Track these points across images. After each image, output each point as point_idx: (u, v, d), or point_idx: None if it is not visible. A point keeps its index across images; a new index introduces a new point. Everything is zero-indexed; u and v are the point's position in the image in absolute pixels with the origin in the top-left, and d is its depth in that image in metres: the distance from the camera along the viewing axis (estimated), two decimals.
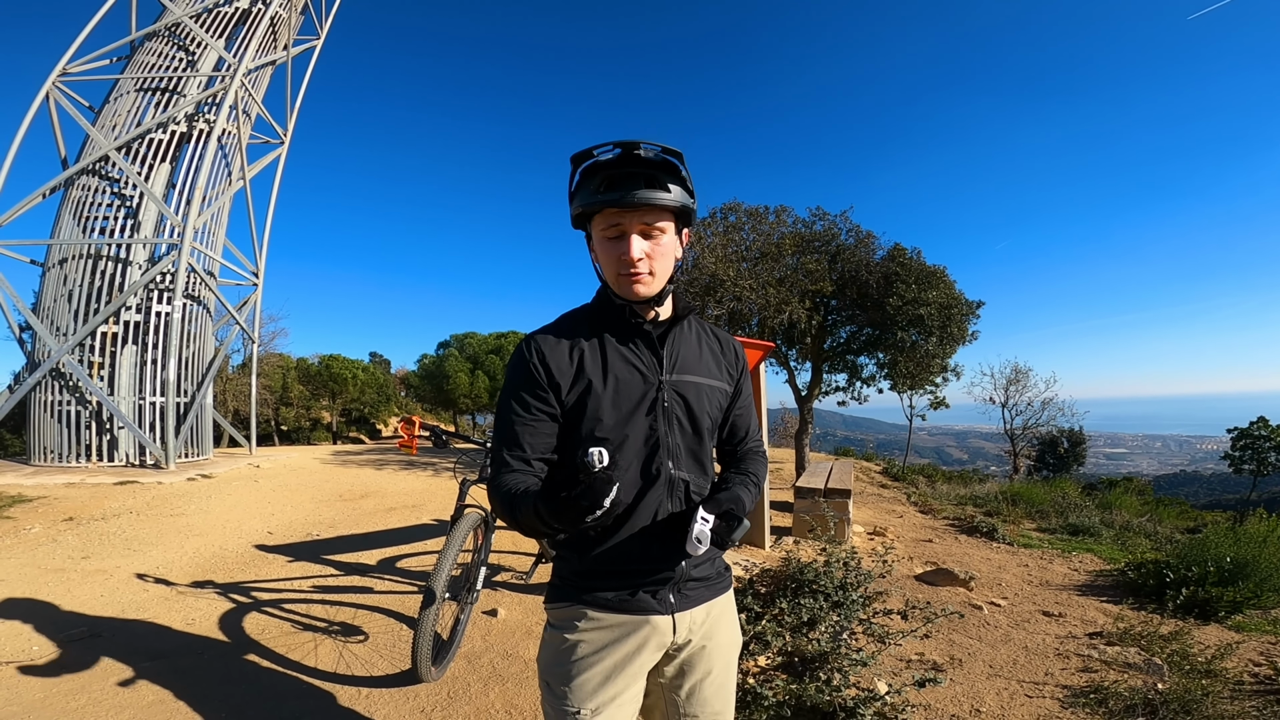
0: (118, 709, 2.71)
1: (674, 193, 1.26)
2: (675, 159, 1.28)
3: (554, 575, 1.40)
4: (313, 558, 5.23)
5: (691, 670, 1.38)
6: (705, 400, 1.39)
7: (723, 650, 1.42)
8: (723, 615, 1.43)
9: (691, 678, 1.38)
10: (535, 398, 1.29)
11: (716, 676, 1.40)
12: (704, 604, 1.38)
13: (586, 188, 1.28)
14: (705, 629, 1.38)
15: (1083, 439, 24.76)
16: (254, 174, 13.06)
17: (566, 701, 1.28)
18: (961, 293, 10.24)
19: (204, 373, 11.76)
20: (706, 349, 1.45)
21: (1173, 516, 10.66)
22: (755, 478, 1.42)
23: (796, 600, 3.17)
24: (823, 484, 6.63)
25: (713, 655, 1.39)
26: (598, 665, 1.29)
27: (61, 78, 11.42)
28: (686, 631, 1.35)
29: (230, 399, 20.86)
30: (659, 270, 1.30)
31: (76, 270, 10.72)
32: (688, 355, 1.40)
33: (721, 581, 1.43)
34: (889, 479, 13.74)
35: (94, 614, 3.88)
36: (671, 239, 1.33)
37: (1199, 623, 4.14)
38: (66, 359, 10.22)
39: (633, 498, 1.30)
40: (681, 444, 1.36)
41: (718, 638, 1.41)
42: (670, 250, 1.33)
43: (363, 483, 9.24)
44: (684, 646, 1.36)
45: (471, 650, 3.29)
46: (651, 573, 1.31)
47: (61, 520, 6.30)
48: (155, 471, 9.63)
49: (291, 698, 2.79)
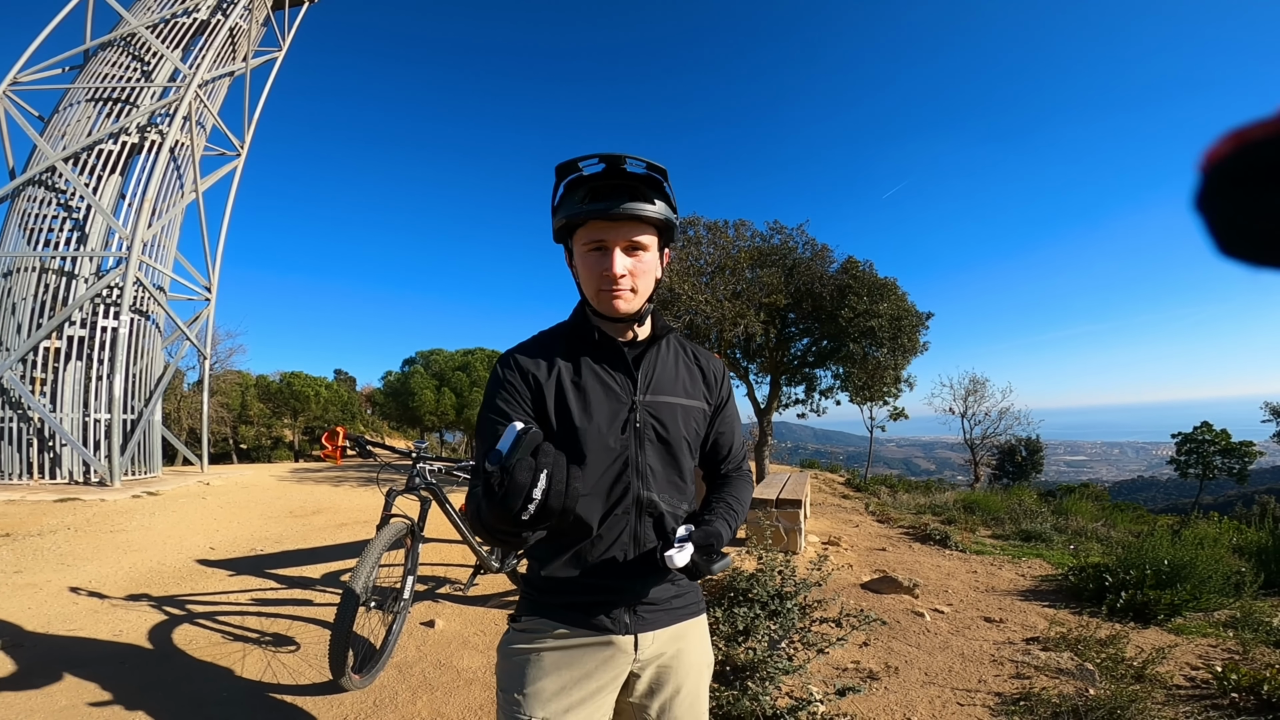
0: (28, 712, 2.65)
1: (658, 206, 1.26)
2: (659, 175, 1.28)
3: (522, 586, 1.40)
4: (255, 572, 5.13)
5: (660, 689, 1.35)
6: (681, 421, 1.37)
7: (693, 670, 1.39)
8: (692, 636, 1.40)
9: (660, 696, 1.35)
10: (513, 409, 1.28)
11: (687, 695, 1.37)
12: (669, 626, 1.35)
13: (571, 200, 1.27)
14: (675, 649, 1.36)
15: (1040, 447, 25.35)
16: (208, 186, 12.84)
17: (520, 709, 1.26)
18: (913, 304, 10.48)
19: (153, 389, 11.46)
20: (684, 369, 1.42)
21: (1127, 521, 10.88)
22: (739, 504, 1.39)
23: (731, 609, 3.20)
24: (775, 495, 6.69)
25: (682, 674, 1.36)
26: (554, 675, 1.28)
27: (11, 86, 11.15)
28: (651, 650, 1.33)
29: (185, 417, 20.31)
30: (640, 287, 1.30)
31: (21, 283, 10.43)
32: (663, 375, 1.38)
33: (689, 606, 1.40)
34: (851, 490, 13.90)
35: (19, 625, 3.79)
36: (654, 256, 1.32)
37: (1138, 626, 4.16)
38: (9, 375, 9.90)
39: (600, 516, 1.28)
40: (654, 465, 1.34)
41: (688, 657, 1.38)
42: (652, 268, 1.32)
43: (316, 499, 9.07)
44: (650, 664, 1.33)
45: (404, 660, 3.26)
46: (616, 590, 1.30)
47: None
48: (99, 489, 9.33)
49: (210, 704, 2.73)
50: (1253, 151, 0.33)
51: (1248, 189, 0.34)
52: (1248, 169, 0.34)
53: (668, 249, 1.39)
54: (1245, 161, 0.34)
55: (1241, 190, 0.34)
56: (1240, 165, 0.34)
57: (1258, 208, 0.34)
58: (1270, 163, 0.33)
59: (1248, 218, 0.35)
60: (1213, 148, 0.34)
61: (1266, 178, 0.33)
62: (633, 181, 1.26)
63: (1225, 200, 0.35)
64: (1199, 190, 0.36)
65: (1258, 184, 0.34)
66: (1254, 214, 0.34)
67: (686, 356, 1.44)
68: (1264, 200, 0.34)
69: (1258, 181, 0.34)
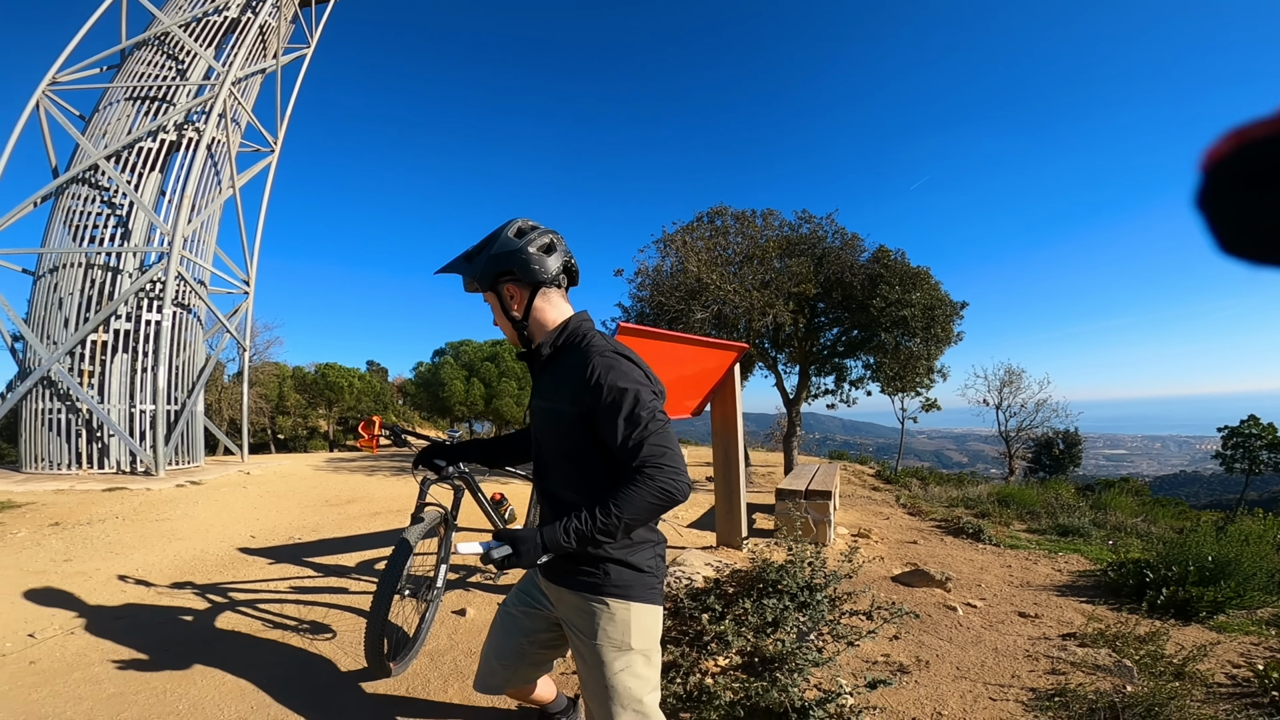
0: (77, 700, 2.75)
1: (471, 272, 1.70)
2: (470, 254, 1.71)
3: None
4: (293, 560, 5.26)
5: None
6: (552, 423, 1.63)
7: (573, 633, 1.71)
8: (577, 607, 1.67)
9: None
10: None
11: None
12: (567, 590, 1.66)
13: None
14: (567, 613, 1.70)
15: (1078, 440, 24.75)
16: (244, 182, 13.13)
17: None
18: (946, 294, 10.28)
19: (195, 380, 11.79)
20: (568, 377, 1.59)
21: (1169, 517, 10.59)
22: (609, 505, 1.45)
23: (760, 601, 3.19)
24: (804, 486, 6.63)
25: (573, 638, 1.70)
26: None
27: (51, 86, 11.49)
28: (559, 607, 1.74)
29: (225, 408, 20.89)
30: (504, 330, 1.74)
31: (67, 279, 10.78)
32: (545, 383, 1.68)
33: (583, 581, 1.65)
34: (881, 482, 13.73)
35: (70, 613, 3.92)
36: (493, 304, 1.72)
37: (1179, 623, 4.06)
38: (57, 367, 10.26)
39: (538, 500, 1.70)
40: (546, 460, 1.68)
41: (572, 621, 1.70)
42: (498, 314, 1.72)
43: (351, 488, 9.26)
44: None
45: (436, 648, 3.31)
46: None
47: (47, 525, 6.33)
48: (145, 478, 9.65)
49: (251, 691, 2.81)
50: (1253, 150, 0.34)
51: (1249, 188, 0.35)
52: (1249, 168, 0.34)
53: (509, 282, 1.67)
54: (1246, 160, 0.34)
55: (1242, 189, 0.35)
56: (1241, 164, 0.35)
57: (1259, 206, 0.35)
58: (1271, 161, 0.34)
59: (1249, 216, 0.35)
60: (1213, 147, 0.35)
61: (1267, 176, 0.34)
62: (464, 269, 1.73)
63: (1226, 199, 0.36)
64: (1200, 189, 0.36)
65: (1259, 183, 0.34)
66: (1255, 212, 0.35)
67: (579, 366, 1.58)
68: (1265, 199, 0.34)
69: (1259, 180, 0.34)
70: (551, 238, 1.68)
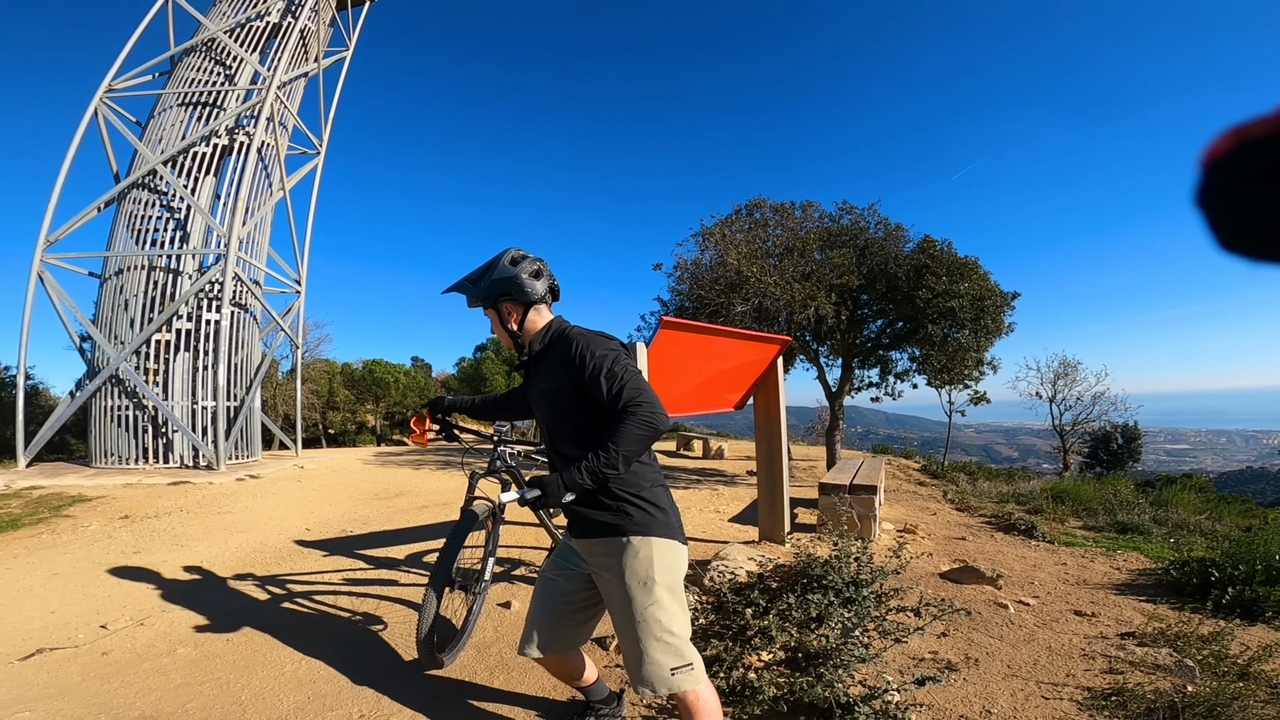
0: (146, 690, 2.88)
1: (476, 294, 2.07)
2: (474, 278, 2.08)
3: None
4: (346, 553, 5.42)
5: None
6: (550, 397, 1.96)
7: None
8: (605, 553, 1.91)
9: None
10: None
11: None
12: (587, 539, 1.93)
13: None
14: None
15: (1138, 434, 23.74)
16: (293, 184, 13.54)
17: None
18: (996, 284, 9.96)
19: (252, 377, 12.24)
20: (557, 358, 1.94)
21: (1234, 514, 10.12)
22: (607, 443, 1.74)
23: (804, 596, 3.16)
24: (848, 480, 6.54)
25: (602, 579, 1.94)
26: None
27: (108, 94, 12.00)
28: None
29: (280, 403, 21.62)
30: (502, 340, 2.14)
31: (132, 281, 11.28)
32: (540, 371, 2.01)
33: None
34: (927, 476, 13.44)
35: (140, 604, 4.11)
36: (493, 319, 2.10)
37: (1244, 623, 3.88)
38: (124, 366, 10.77)
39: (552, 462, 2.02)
40: (551, 428, 2.00)
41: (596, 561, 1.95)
42: (496, 328, 2.10)
43: (399, 482, 9.50)
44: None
45: (482, 640, 3.38)
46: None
47: (117, 518, 6.67)
48: (207, 473, 10.07)
49: (308, 682, 2.92)
50: (1253, 148, 0.34)
51: (1248, 185, 0.35)
52: (1248, 165, 0.35)
53: (507, 302, 2.04)
54: (1245, 158, 0.35)
55: (1242, 186, 0.35)
56: (1240, 161, 0.35)
57: (1258, 204, 0.35)
58: (1270, 159, 0.34)
59: (1249, 214, 0.36)
60: (1213, 144, 0.35)
61: (1267, 174, 0.34)
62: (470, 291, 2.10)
63: (1226, 196, 0.36)
64: (1200, 186, 0.36)
65: (1258, 180, 0.34)
66: (1255, 210, 0.35)
67: (562, 353, 1.93)
68: (1264, 196, 0.35)
69: (1258, 178, 0.34)
70: (539, 265, 2.05)
